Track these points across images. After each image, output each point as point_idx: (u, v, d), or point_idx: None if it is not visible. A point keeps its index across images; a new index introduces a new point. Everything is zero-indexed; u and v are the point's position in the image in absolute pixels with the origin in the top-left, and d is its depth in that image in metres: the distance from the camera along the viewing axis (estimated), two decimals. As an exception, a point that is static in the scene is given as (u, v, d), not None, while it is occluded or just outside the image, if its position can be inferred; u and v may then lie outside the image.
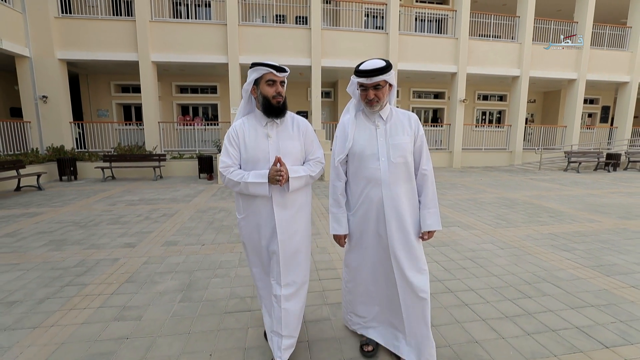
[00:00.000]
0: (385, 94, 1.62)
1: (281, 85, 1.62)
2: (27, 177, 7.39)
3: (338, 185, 1.74)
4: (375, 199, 1.64)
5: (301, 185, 1.65)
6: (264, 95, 1.60)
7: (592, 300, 2.42)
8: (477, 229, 4.23)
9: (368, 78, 1.55)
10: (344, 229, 1.74)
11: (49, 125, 9.50)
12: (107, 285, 2.64)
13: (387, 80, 1.59)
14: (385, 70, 1.55)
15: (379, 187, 1.63)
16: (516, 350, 1.85)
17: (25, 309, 2.29)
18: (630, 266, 3.07)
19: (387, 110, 1.68)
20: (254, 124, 1.67)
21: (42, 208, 5.41)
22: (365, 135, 1.66)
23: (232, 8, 9.77)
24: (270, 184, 1.57)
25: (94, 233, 4.04)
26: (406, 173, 1.65)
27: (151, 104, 10.00)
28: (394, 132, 1.64)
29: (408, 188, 1.66)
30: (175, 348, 1.86)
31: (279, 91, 1.61)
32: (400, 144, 1.62)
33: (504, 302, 2.39)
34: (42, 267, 2.99)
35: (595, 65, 12.75)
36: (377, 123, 1.66)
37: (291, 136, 1.69)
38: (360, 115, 1.71)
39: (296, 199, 1.69)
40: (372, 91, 1.58)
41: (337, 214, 1.74)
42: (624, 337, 1.99)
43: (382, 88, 1.59)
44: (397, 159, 1.61)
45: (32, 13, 9.01)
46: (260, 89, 1.61)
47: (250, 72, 1.62)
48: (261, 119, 1.66)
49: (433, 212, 1.66)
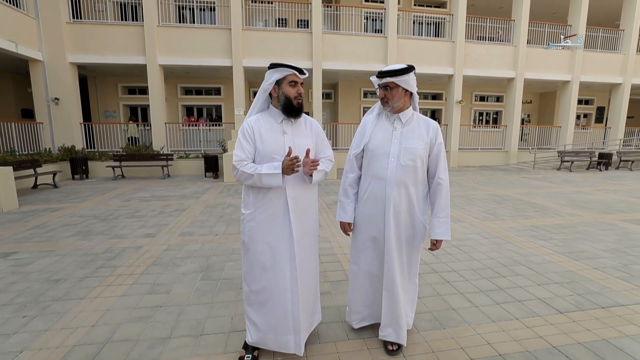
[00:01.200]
0: (397, 97, 1.67)
1: (301, 86, 1.72)
2: (43, 176, 7.78)
3: (349, 176, 1.85)
4: (379, 196, 1.72)
5: (320, 178, 1.75)
6: (286, 95, 1.66)
7: (556, 279, 2.80)
8: (466, 222, 4.60)
9: (379, 78, 1.68)
10: (349, 217, 1.85)
11: (60, 126, 9.90)
12: (135, 267, 3.03)
13: (397, 83, 1.64)
14: (395, 73, 1.62)
15: (384, 185, 1.70)
16: (485, 315, 2.23)
17: (70, 285, 2.67)
18: (597, 252, 3.44)
19: (408, 115, 1.73)
20: (270, 120, 1.71)
21: (62, 204, 5.80)
22: (382, 135, 1.74)
23: (236, 13, 10.15)
24: (283, 174, 1.60)
25: (114, 225, 4.43)
26: (413, 177, 1.69)
27: (158, 106, 10.39)
28: (409, 136, 1.70)
29: (413, 192, 1.71)
30: (202, 314, 2.25)
31: (300, 92, 1.69)
32: (412, 148, 1.67)
33: (480, 280, 2.77)
34: (75, 253, 3.38)
35: (589, 67, 13.11)
36: (395, 125, 1.73)
37: (305, 134, 1.76)
38: (382, 116, 1.79)
39: (309, 193, 1.77)
40: (381, 90, 1.70)
41: (344, 202, 1.86)
42: (577, 305, 2.36)
43: (391, 90, 1.66)
44: (406, 162, 1.67)
45: (45, 18, 9.40)
46: (282, 89, 1.66)
47: (272, 72, 1.66)
48: (277, 116, 1.71)
49: (443, 221, 1.71)
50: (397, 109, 1.71)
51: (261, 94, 1.72)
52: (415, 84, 1.67)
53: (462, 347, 1.90)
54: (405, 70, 1.62)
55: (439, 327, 2.10)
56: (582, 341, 1.95)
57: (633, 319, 2.19)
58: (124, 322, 2.15)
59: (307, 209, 1.76)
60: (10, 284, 2.68)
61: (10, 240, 3.82)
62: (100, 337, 1.98)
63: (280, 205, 1.67)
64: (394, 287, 1.74)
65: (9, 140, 8.78)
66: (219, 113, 14.04)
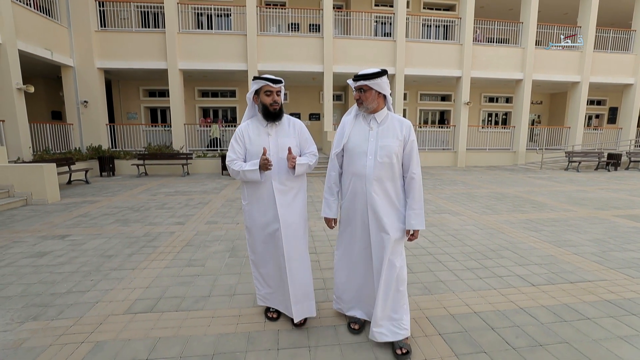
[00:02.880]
0: (370, 99, 1.78)
1: (277, 94, 1.94)
2: (77, 173, 8.48)
3: (332, 175, 1.99)
4: (360, 192, 1.84)
5: (304, 170, 2.00)
6: (263, 103, 1.94)
7: (537, 261, 3.19)
8: (464, 216, 4.99)
9: (353, 81, 1.80)
10: (334, 213, 2.00)
11: (88, 127, 10.65)
12: (172, 247, 3.56)
13: (370, 86, 1.74)
14: (369, 77, 1.73)
15: (363, 182, 1.82)
16: (468, 286, 2.66)
17: (121, 260, 3.21)
18: (581, 242, 3.80)
19: (383, 115, 1.84)
20: (257, 125, 2.01)
21: (97, 197, 6.43)
22: (359, 135, 1.86)
23: (252, 20, 10.72)
24: (261, 170, 1.89)
25: (147, 215, 4.99)
26: (390, 172, 1.81)
27: (178, 108, 11.03)
28: (384, 134, 1.81)
29: (391, 186, 1.83)
30: (232, 280, 2.74)
31: (275, 100, 1.93)
32: (387, 146, 1.78)
33: (469, 261, 3.18)
34: (119, 236, 3.94)
35: (599, 68, 13.17)
36: (371, 125, 1.84)
37: (288, 134, 2.03)
38: (360, 117, 1.91)
39: (293, 186, 2.02)
40: (357, 92, 1.81)
41: (329, 199, 2.01)
42: (549, 280, 2.76)
43: (365, 92, 1.77)
44: (383, 159, 1.78)
45: (76, 27, 10.15)
46: (260, 98, 1.95)
47: (252, 84, 1.96)
48: (262, 121, 2.00)
49: (417, 212, 1.81)
50: (371, 110, 1.82)
51: (248, 103, 2.04)
52: (387, 87, 1.78)
53: (445, 307, 2.33)
54: (378, 74, 1.72)
55: (428, 293, 2.54)
56: (545, 305, 2.36)
57: (594, 291, 2.57)
58: (171, 285, 2.66)
59: (293, 198, 2.01)
60: (73, 258, 3.24)
61: (62, 226, 4.41)
62: (155, 295, 2.50)
63: (269, 195, 1.97)
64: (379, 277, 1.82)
65: (44, 140, 9.55)
66: (233, 114, 14.66)
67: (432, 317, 2.21)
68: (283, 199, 1.97)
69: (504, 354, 1.84)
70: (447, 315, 2.23)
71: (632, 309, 2.31)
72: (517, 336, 2.00)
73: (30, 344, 1.93)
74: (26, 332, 2.04)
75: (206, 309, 2.30)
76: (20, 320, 2.18)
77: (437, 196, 6.54)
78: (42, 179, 5.85)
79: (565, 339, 1.97)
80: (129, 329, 2.07)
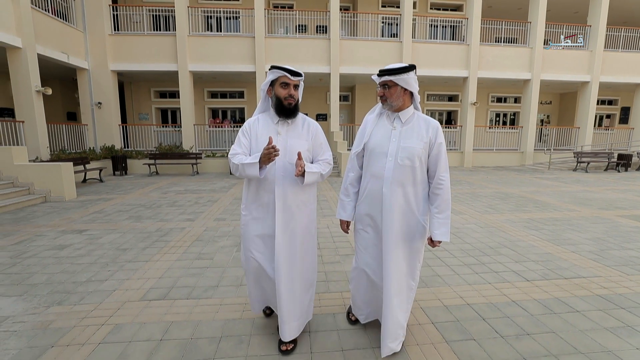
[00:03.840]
0: (395, 95, 1.66)
1: (294, 88, 1.75)
2: (91, 171, 8.80)
3: (350, 175, 1.88)
4: (377, 194, 1.72)
5: (314, 180, 1.74)
6: (277, 96, 1.74)
7: (534, 258, 3.27)
8: (467, 214, 5.07)
9: (378, 76, 1.69)
10: (348, 215, 1.88)
11: (102, 127, 11.00)
12: (183, 242, 3.74)
13: (395, 81, 1.63)
14: (394, 72, 1.62)
15: (381, 184, 1.70)
16: (463, 280, 2.77)
17: (135, 252, 3.41)
18: (580, 240, 3.86)
19: (408, 114, 1.72)
20: (267, 121, 1.80)
21: (111, 195, 6.69)
22: (381, 134, 1.74)
23: (260, 22, 10.93)
24: (262, 164, 1.64)
25: (159, 212, 5.21)
26: (411, 177, 1.67)
27: (188, 109, 11.31)
28: (408, 135, 1.68)
29: (411, 191, 1.69)
30: (239, 272, 2.91)
31: (291, 94, 1.73)
32: (409, 147, 1.65)
33: (466, 257, 3.28)
34: (133, 232, 4.15)
35: (610, 68, 13.01)
36: (394, 124, 1.72)
37: (300, 135, 1.79)
38: (383, 116, 1.79)
39: (301, 194, 1.77)
40: (380, 89, 1.70)
41: (345, 201, 1.89)
42: (543, 276, 2.85)
43: (390, 88, 1.66)
44: (403, 161, 1.65)
45: (91, 31, 10.51)
46: (274, 90, 1.74)
47: (269, 74, 1.76)
48: (273, 117, 1.80)
49: (443, 222, 1.68)
50: (396, 108, 1.70)
51: (262, 95, 1.84)
52: (415, 83, 1.67)
53: (439, 299, 2.45)
54: (405, 69, 1.61)
55: (424, 286, 2.66)
56: (537, 298, 2.46)
57: (587, 286, 2.66)
58: (182, 276, 2.84)
59: (297, 210, 1.76)
60: (91, 251, 3.46)
61: (79, 221, 4.65)
62: (167, 284, 2.68)
63: (269, 202, 1.74)
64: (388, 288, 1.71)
65: (60, 140, 9.91)
66: (242, 115, 14.91)
67: (426, 308, 2.33)
68: (285, 210, 1.74)
69: (492, 341, 1.96)
70: (441, 307, 2.35)
71: (621, 303, 2.39)
72: (506, 326, 2.11)
73: (57, 325, 2.12)
74: (52, 315, 2.23)
75: (214, 297, 2.47)
76: (47, 304, 2.38)
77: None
78: (60, 177, 6.13)
79: (553, 329, 2.07)
80: (144, 313, 2.25)
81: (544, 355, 1.83)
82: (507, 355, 1.83)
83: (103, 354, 1.84)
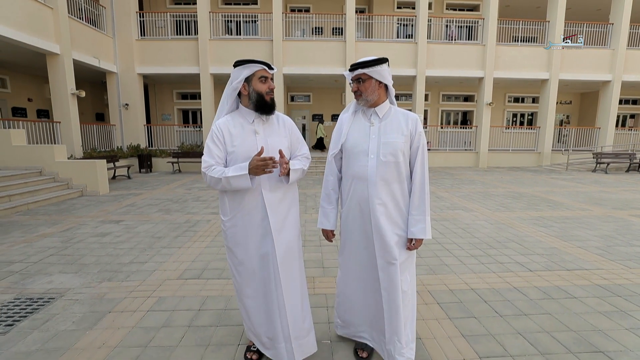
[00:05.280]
0: (370, 89, 1.58)
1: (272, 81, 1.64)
2: (120, 169, 9.38)
3: (330, 179, 1.75)
4: (362, 197, 1.61)
5: (298, 177, 1.67)
6: (257, 92, 1.59)
7: (540, 252, 3.44)
8: (477, 212, 5.23)
9: (350, 71, 1.60)
10: (331, 224, 1.75)
11: (128, 127, 11.63)
12: (210, 232, 4.09)
13: (369, 74, 1.55)
14: (367, 65, 1.54)
15: (365, 185, 1.60)
16: (469, 269, 2.98)
17: (169, 240, 3.78)
18: (589, 237, 3.97)
19: (385, 109, 1.65)
20: (240, 121, 1.63)
21: (140, 190, 7.17)
22: (359, 132, 1.65)
23: (277, 25, 11.30)
24: (251, 174, 1.51)
25: (185, 206, 5.60)
26: (396, 173, 1.60)
27: (209, 110, 11.80)
28: (388, 130, 1.61)
29: (398, 189, 1.61)
30: (262, 258, 3.21)
31: (272, 87, 1.62)
32: (391, 143, 1.58)
33: (474, 250, 3.48)
34: (164, 223, 4.54)
35: (633, 66, 12.70)
36: (372, 121, 1.64)
37: (278, 133, 1.68)
38: (359, 113, 1.70)
39: (286, 196, 1.68)
40: (354, 84, 1.61)
41: (326, 209, 1.75)
42: (546, 267, 3.03)
43: (364, 82, 1.58)
44: (387, 157, 1.57)
45: (120, 37, 11.15)
46: (252, 85, 1.59)
47: (240, 70, 1.58)
48: (248, 115, 1.64)
49: (418, 218, 1.59)
50: (372, 103, 1.62)
51: (230, 94, 1.64)
52: (389, 75, 1.60)
53: (445, 284, 2.68)
54: (377, 61, 1.54)
55: (432, 273, 2.89)
56: (538, 286, 2.65)
57: (588, 277, 2.82)
58: (212, 260, 3.17)
59: (286, 211, 1.67)
60: (129, 238, 3.85)
61: (115, 213, 5.10)
62: (200, 266, 3.01)
63: (257, 208, 1.60)
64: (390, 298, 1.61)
65: (91, 139, 10.57)
66: (259, 116, 15.34)
67: (433, 291, 2.56)
68: (276, 212, 1.62)
69: (491, 319, 2.18)
70: (447, 290, 2.58)
71: (618, 292, 2.55)
72: (505, 307, 2.32)
73: (110, 296, 2.48)
74: (105, 289, 2.60)
75: (242, 278, 2.78)
76: (99, 280, 2.75)
77: (453, 194, 6.76)
78: (95, 173, 6.65)
79: (549, 312, 2.27)
80: (182, 289, 2.58)
81: (537, 331, 2.03)
82: (504, 330, 2.05)
83: (153, 319, 2.17)
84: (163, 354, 1.83)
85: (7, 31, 6.88)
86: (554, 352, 1.84)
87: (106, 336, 1.98)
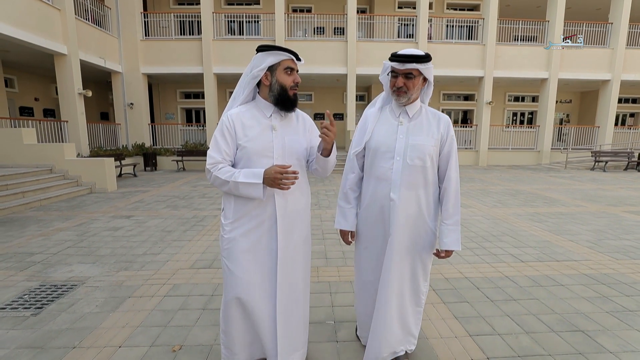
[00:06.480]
0: (416, 87, 1.47)
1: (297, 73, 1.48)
2: (126, 167, 9.59)
3: (350, 177, 1.64)
4: (383, 201, 1.52)
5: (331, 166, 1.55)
6: (281, 84, 1.42)
7: (532, 245, 3.61)
8: (475, 208, 5.39)
9: (401, 63, 1.42)
10: (350, 224, 1.64)
11: (133, 126, 11.82)
12: (217, 226, 4.27)
13: (421, 71, 1.44)
14: (422, 60, 1.41)
15: (388, 188, 1.50)
16: (464, 260, 3.15)
17: (178, 234, 3.96)
18: (580, 231, 4.13)
19: (416, 108, 1.53)
20: (255, 114, 1.46)
21: (146, 188, 7.37)
22: (386, 130, 1.53)
23: (280, 25, 11.46)
24: (265, 185, 1.35)
25: (192, 202, 5.79)
26: (422, 178, 1.50)
27: (212, 109, 11.98)
28: (417, 131, 1.50)
29: (422, 195, 1.51)
30: (268, 250, 3.39)
31: (298, 81, 1.46)
32: (420, 145, 1.47)
33: (469, 242, 3.65)
34: (172, 218, 4.72)
35: (633, 65, 12.81)
36: (401, 119, 1.52)
37: (296, 131, 1.53)
38: (386, 110, 1.58)
39: (301, 201, 1.54)
40: (401, 79, 1.44)
41: (345, 208, 1.64)
42: (537, 259, 3.20)
43: (413, 78, 1.44)
44: (414, 161, 1.47)
45: (125, 37, 11.33)
46: (275, 76, 1.42)
47: (264, 56, 1.40)
48: (265, 109, 1.47)
49: (452, 228, 1.52)
50: (411, 101, 1.51)
51: (249, 82, 1.45)
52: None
53: (441, 273, 2.85)
54: (429, 56, 1.44)
55: (429, 264, 3.06)
56: (528, 275, 2.82)
57: (576, 267, 2.99)
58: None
59: (297, 220, 1.52)
60: (141, 232, 4.04)
61: (124, 209, 5.29)
62: (210, 257, 3.20)
63: (266, 215, 1.44)
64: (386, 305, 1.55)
65: (97, 138, 10.78)
66: (261, 114, 15.51)
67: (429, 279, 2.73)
68: (286, 219, 1.47)
69: (482, 303, 2.35)
70: (442, 279, 2.75)
71: (603, 280, 2.72)
72: (496, 293, 2.50)
73: (128, 284, 2.66)
74: (122, 277, 2.78)
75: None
76: (116, 269, 2.93)
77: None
78: (104, 171, 6.84)
79: (536, 297, 2.44)
80: (195, 277, 2.77)
81: (524, 314, 2.21)
82: (493, 313, 2.22)
83: (170, 302, 2.36)
84: (182, 332, 2.01)
85: (17, 32, 7.07)
86: (538, 331, 2.01)
87: (129, 317, 2.17)
